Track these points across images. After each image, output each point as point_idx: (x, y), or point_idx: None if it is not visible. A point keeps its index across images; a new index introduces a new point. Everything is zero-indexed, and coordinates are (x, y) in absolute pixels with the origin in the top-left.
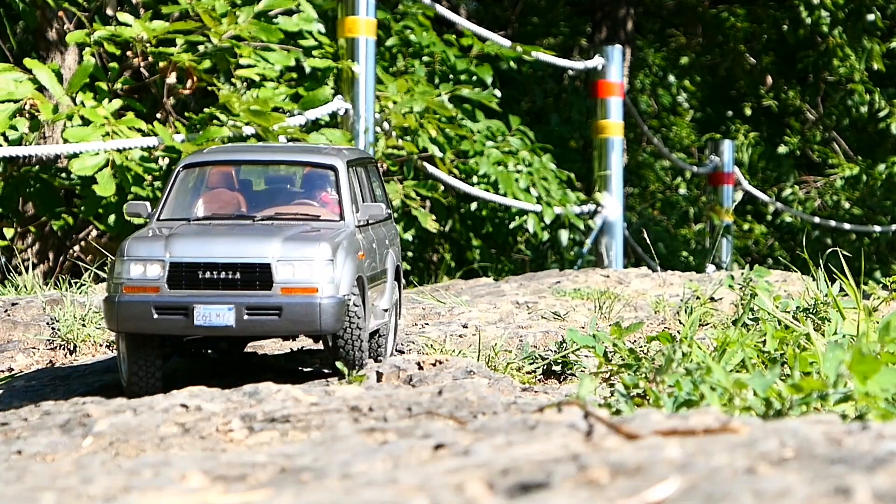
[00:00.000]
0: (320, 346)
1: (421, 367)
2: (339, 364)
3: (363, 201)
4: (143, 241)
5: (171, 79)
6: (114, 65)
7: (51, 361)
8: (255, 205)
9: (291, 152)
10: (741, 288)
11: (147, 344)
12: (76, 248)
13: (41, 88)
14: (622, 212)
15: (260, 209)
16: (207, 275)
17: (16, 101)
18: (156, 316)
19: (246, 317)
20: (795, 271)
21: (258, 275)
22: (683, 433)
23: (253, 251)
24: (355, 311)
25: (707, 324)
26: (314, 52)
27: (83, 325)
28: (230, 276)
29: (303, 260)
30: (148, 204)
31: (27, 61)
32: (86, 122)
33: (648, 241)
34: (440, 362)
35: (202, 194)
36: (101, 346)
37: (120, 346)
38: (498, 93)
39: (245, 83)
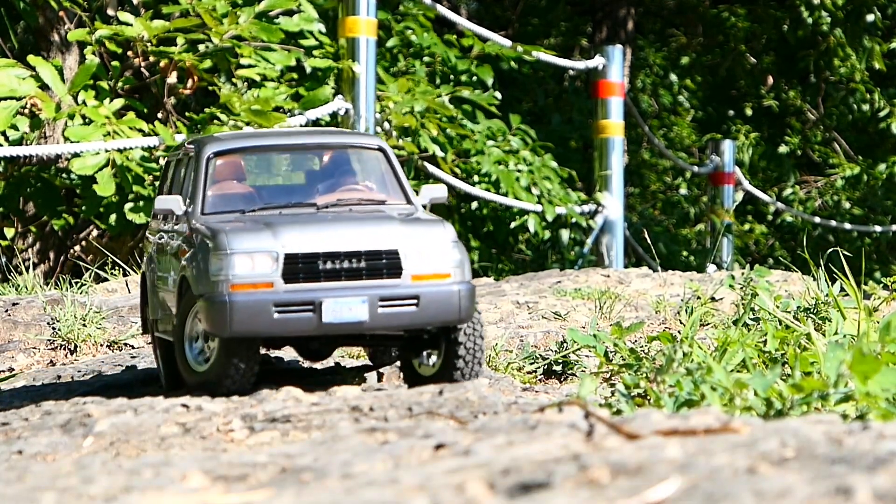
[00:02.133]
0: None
1: None
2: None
3: None
4: (244, 231)
5: (172, 78)
6: (115, 63)
7: (51, 361)
8: (305, 192)
9: (327, 135)
10: (742, 288)
11: (250, 344)
12: (77, 247)
13: (44, 87)
14: (623, 212)
15: (312, 196)
16: (329, 265)
17: (18, 99)
18: (276, 315)
19: (380, 309)
20: (796, 271)
21: (385, 262)
22: (684, 433)
23: (377, 237)
24: (477, 305)
25: (708, 324)
26: (315, 52)
27: (84, 325)
28: (354, 266)
29: (431, 244)
30: (180, 199)
31: (31, 58)
32: (87, 121)
33: (649, 240)
34: None
35: (242, 183)
36: (101, 345)
37: (180, 345)
38: (499, 95)
39: (246, 83)
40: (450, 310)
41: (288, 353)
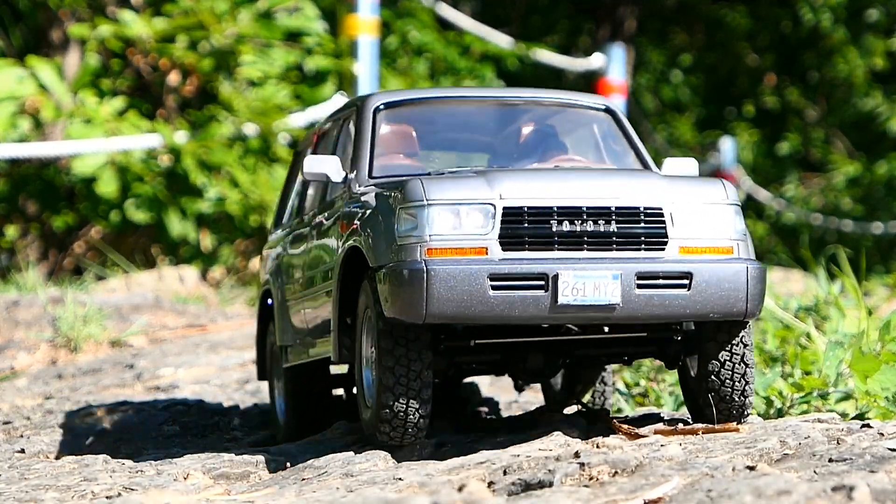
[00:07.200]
0: None
1: None
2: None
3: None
4: (447, 179)
5: (173, 77)
6: (115, 61)
7: (52, 360)
8: (505, 158)
9: (536, 91)
10: None
11: (418, 347)
12: (77, 246)
13: (44, 87)
14: None
15: (518, 163)
16: (566, 226)
17: (18, 99)
18: (492, 292)
19: (637, 290)
20: (797, 269)
21: (644, 226)
22: (684, 432)
23: (633, 190)
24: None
25: None
26: (316, 51)
27: (84, 324)
28: (602, 228)
29: (707, 205)
30: (336, 159)
31: (30, 58)
32: (87, 120)
33: None
34: None
35: (417, 143)
36: (102, 344)
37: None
38: None
39: (247, 81)
40: (734, 297)
41: None
